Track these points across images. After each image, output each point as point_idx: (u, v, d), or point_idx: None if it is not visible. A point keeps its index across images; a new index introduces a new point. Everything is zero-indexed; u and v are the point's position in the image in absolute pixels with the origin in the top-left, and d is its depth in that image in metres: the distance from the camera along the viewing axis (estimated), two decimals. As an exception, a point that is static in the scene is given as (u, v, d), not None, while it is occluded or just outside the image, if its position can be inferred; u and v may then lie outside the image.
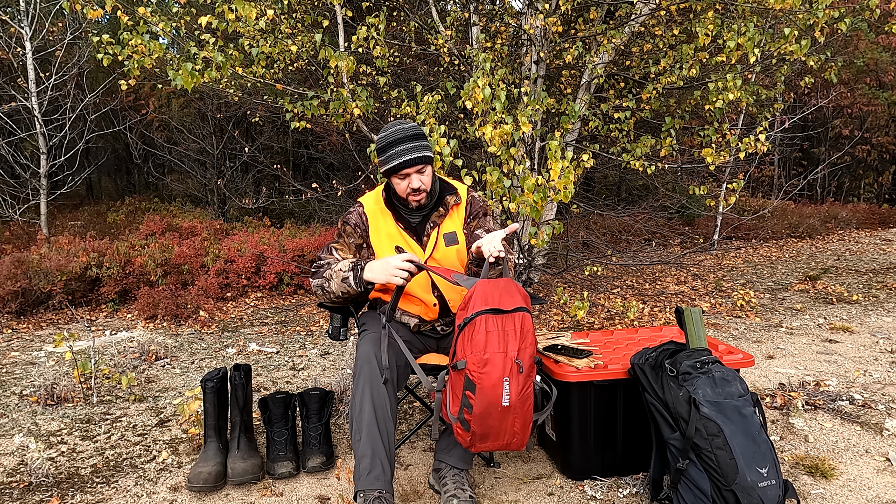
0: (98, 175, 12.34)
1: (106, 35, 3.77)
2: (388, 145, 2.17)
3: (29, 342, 4.37)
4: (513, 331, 1.83)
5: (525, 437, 1.90)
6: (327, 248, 2.32)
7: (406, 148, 2.15)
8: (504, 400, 1.80)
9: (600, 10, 5.14)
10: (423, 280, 2.26)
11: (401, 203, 2.29)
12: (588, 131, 5.44)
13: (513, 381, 1.80)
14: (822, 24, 3.94)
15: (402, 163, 2.15)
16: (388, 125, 2.24)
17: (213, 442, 2.43)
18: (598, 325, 4.68)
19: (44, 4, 7.12)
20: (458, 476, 2.16)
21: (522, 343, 1.83)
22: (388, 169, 2.18)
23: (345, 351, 4.11)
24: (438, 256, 2.26)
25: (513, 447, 1.91)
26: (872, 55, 11.04)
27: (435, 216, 2.29)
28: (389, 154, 2.16)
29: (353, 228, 2.29)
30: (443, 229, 2.29)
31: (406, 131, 2.17)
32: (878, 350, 3.98)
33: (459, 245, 2.29)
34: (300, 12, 4.93)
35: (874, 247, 8.82)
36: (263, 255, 5.74)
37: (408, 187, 2.19)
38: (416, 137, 2.18)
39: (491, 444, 1.88)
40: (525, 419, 1.86)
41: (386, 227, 2.28)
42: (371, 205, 2.32)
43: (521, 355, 1.82)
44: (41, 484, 2.38)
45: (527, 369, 1.83)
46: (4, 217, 7.32)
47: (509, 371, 1.80)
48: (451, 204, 2.31)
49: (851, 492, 2.27)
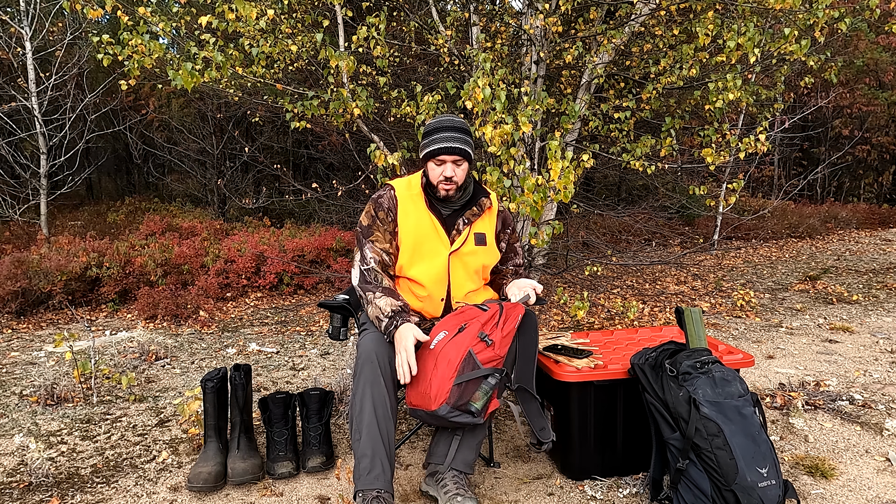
0: (98, 175, 12.33)
1: (106, 35, 3.77)
2: (435, 130, 2.24)
3: (29, 342, 4.37)
4: (472, 313, 2.07)
5: (435, 395, 1.93)
6: (366, 241, 2.25)
7: (450, 136, 2.21)
8: (433, 343, 2.00)
9: (600, 10, 5.14)
10: (441, 272, 2.26)
11: (432, 191, 2.31)
12: (588, 131, 5.44)
13: (449, 336, 2.00)
14: (822, 24, 3.94)
15: (442, 148, 2.20)
16: (439, 116, 2.33)
17: (213, 442, 2.43)
18: (598, 325, 4.68)
19: (44, 4, 7.11)
20: (460, 478, 2.15)
21: (475, 318, 2.03)
22: (428, 152, 2.23)
23: (345, 351, 4.11)
24: (466, 252, 2.29)
25: (423, 401, 1.96)
26: (872, 55, 11.04)
27: (469, 214, 2.32)
28: (433, 138, 2.23)
29: (386, 213, 2.27)
30: (475, 228, 2.33)
31: (455, 123, 2.25)
32: (878, 350, 3.98)
33: (487, 248, 2.34)
34: (300, 12, 4.93)
35: (874, 247, 8.82)
36: (263, 255, 5.74)
37: (441, 174, 2.23)
38: (462, 131, 2.26)
39: (412, 389, 2.00)
40: (442, 374, 1.93)
41: (416, 212, 2.28)
42: (403, 189, 2.32)
43: (469, 324, 2.02)
44: (41, 484, 2.38)
45: (468, 332, 1.99)
46: (4, 217, 7.31)
47: (450, 327, 2.03)
48: (485, 206, 2.36)
49: (851, 492, 2.27)
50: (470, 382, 1.93)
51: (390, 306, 2.11)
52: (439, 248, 2.26)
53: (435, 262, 2.25)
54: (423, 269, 2.25)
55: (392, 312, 2.09)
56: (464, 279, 2.29)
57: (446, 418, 1.93)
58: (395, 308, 2.10)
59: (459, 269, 2.28)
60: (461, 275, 2.29)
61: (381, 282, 2.19)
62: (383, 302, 2.12)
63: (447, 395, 1.91)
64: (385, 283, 2.19)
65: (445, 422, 1.96)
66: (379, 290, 2.16)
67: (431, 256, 2.26)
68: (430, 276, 2.25)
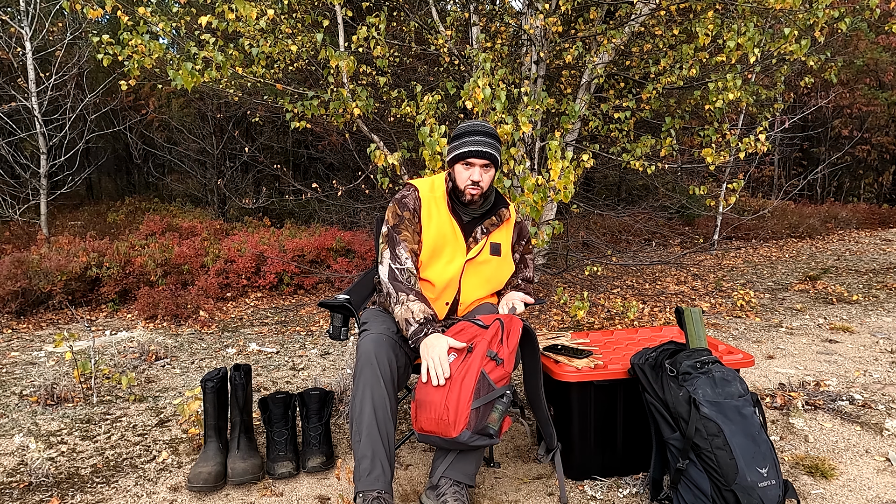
0: (98, 175, 12.33)
1: (106, 35, 3.77)
2: (466, 133, 2.25)
3: (29, 342, 4.37)
4: (473, 331, 2.05)
5: (454, 420, 1.87)
6: (399, 239, 2.23)
7: (482, 140, 2.23)
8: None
9: (600, 10, 5.14)
10: (454, 278, 2.26)
11: (457, 195, 2.30)
12: (588, 131, 5.44)
13: (458, 358, 1.96)
14: (822, 24, 3.94)
15: (473, 151, 2.21)
16: (470, 120, 2.34)
17: (213, 442, 2.43)
18: (598, 325, 4.68)
19: (44, 4, 7.11)
20: (459, 491, 2.07)
21: (477, 337, 2.01)
22: (459, 154, 2.23)
23: (345, 351, 4.11)
24: (481, 261, 2.30)
25: (441, 428, 1.89)
26: (872, 55, 11.04)
27: (488, 223, 2.33)
28: (464, 140, 2.24)
29: (412, 213, 2.27)
30: (491, 238, 2.33)
31: (486, 128, 2.26)
32: (878, 350, 3.99)
33: (501, 258, 2.35)
34: (300, 12, 4.93)
35: (874, 247, 8.82)
36: (263, 255, 5.74)
37: (469, 178, 2.23)
38: (493, 136, 2.27)
39: (424, 415, 1.94)
40: (459, 398, 1.88)
41: (439, 216, 2.28)
42: (426, 191, 2.32)
43: (476, 343, 1.99)
44: (41, 484, 2.38)
45: (477, 353, 1.95)
46: (4, 217, 7.31)
47: (459, 349, 1.99)
48: (504, 217, 2.36)
49: (851, 492, 2.27)
50: (486, 404, 1.91)
51: (423, 313, 2.10)
52: (456, 254, 2.27)
53: (450, 268, 2.26)
54: (438, 271, 2.26)
55: (424, 319, 2.09)
56: (474, 287, 2.30)
57: (468, 443, 1.90)
58: (428, 316, 2.10)
59: (472, 277, 2.29)
60: (473, 282, 2.30)
61: (414, 285, 2.19)
62: (417, 307, 2.11)
63: (467, 420, 1.88)
64: (418, 287, 2.19)
65: (465, 446, 1.94)
66: (413, 294, 2.15)
67: (447, 261, 2.27)
68: (442, 280, 2.26)
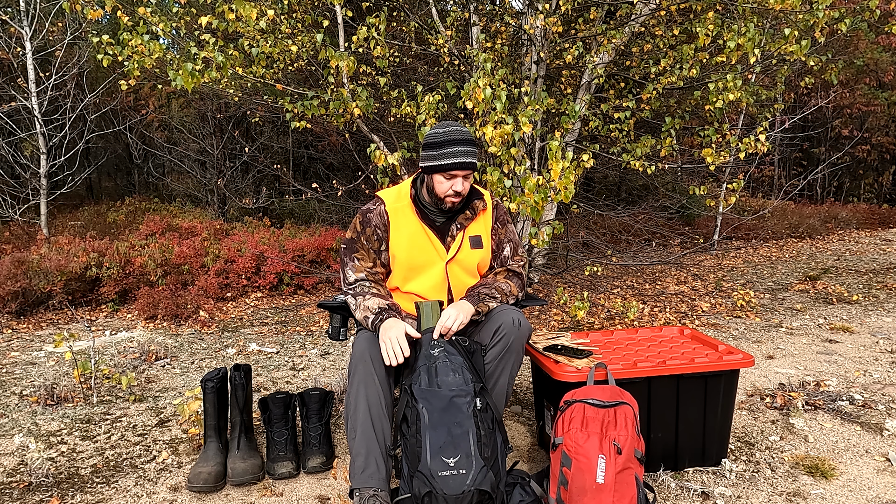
0: (98, 175, 12.31)
1: (106, 35, 3.77)
2: (445, 143, 2.15)
3: (29, 342, 4.37)
4: (612, 419, 1.94)
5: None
6: (349, 259, 2.24)
7: (463, 150, 2.14)
8: (599, 476, 1.83)
9: (600, 10, 5.14)
10: (440, 282, 2.25)
11: (431, 202, 2.26)
12: (588, 131, 5.44)
13: (609, 461, 1.84)
14: (822, 25, 3.94)
15: (456, 163, 2.13)
16: (441, 123, 2.23)
17: (213, 442, 2.43)
18: (598, 325, 4.68)
19: (44, 4, 7.11)
20: None
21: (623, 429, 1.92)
22: (439, 166, 2.15)
23: (345, 351, 4.11)
24: (462, 258, 2.27)
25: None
26: (872, 55, 11.04)
27: (461, 218, 2.28)
28: (444, 152, 2.14)
29: (374, 231, 2.24)
30: (468, 232, 2.29)
31: (463, 134, 2.16)
32: (878, 350, 3.98)
33: (483, 249, 2.30)
34: (300, 12, 4.93)
35: (874, 247, 8.82)
36: (263, 255, 5.74)
37: (450, 188, 2.17)
38: (471, 143, 2.18)
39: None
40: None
41: (408, 225, 2.24)
42: (392, 202, 2.27)
43: (619, 439, 1.89)
44: (41, 484, 2.38)
45: (626, 453, 1.86)
46: (4, 217, 7.31)
47: (606, 450, 1.86)
48: (479, 209, 2.31)
49: (851, 492, 2.27)
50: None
51: (378, 305, 2.11)
52: (435, 259, 2.25)
53: (432, 274, 2.25)
54: (422, 281, 2.25)
55: (379, 309, 2.09)
56: (463, 281, 2.30)
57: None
58: (383, 305, 2.11)
59: (458, 274, 2.28)
60: (461, 279, 2.29)
61: (368, 288, 2.19)
62: (372, 302, 2.13)
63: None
64: (374, 290, 2.19)
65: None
66: (368, 294, 2.16)
67: (428, 268, 2.25)
68: (430, 287, 2.26)
